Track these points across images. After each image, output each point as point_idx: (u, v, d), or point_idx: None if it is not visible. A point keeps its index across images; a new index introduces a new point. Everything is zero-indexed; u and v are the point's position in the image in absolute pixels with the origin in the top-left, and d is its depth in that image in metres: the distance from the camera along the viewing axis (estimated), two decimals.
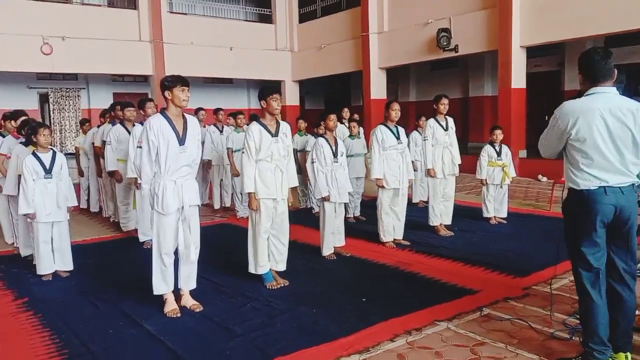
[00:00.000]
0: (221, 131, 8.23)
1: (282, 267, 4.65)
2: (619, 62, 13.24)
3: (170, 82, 3.87)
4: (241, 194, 7.50)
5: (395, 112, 5.81)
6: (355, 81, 18.97)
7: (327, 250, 5.40)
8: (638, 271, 4.30)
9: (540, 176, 10.64)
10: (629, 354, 2.93)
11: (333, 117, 5.55)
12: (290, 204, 4.67)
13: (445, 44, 12.51)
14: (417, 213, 7.36)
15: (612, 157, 2.80)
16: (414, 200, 8.28)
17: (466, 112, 16.71)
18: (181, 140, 3.89)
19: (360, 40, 15.14)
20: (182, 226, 3.96)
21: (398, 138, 5.81)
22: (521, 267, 4.84)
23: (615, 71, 2.92)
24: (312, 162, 5.39)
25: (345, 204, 5.83)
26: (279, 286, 4.48)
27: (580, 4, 10.18)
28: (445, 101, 6.37)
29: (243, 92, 19.56)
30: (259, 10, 18.21)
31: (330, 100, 21.11)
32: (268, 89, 4.52)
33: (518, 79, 11.57)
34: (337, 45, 16.13)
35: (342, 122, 8.86)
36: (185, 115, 4.01)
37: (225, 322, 3.73)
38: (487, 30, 11.97)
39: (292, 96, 18.23)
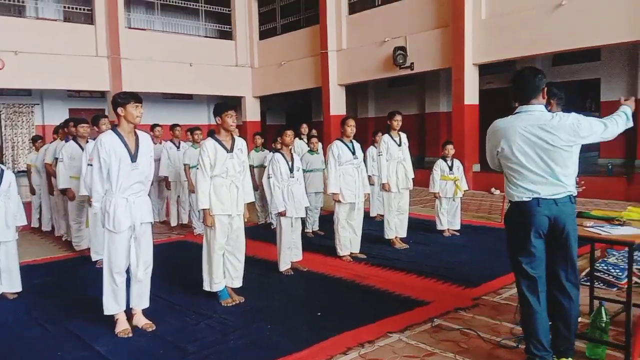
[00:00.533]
0: (178, 147, 8.18)
1: (237, 283, 4.64)
2: (567, 79, 13.97)
3: (123, 99, 3.86)
4: (199, 210, 7.45)
5: (351, 128, 5.93)
6: (315, 97, 19.19)
7: (284, 266, 5.43)
8: (583, 279, 4.50)
9: (493, 189, 10.99)
10: None
11: (289, 132, 5.62)
12: (246, 220, 4.69)
13: (401, 61, 12.84)
14: (374, 226, 7.47)
15: (540, 170, 2.93)
16: (372, 214, 8.41)
17: (423, 128, 17.13)
18: (133, 157, 3.87)
19: (319, 58, 15.37)
20: (134, 244, 3.92)
21: (354, 153, 5.92)
22: (472, 278, 4.99)
23: (545, 89, 3.03)
24: (269, 177, 5.42)
25: (303, 218, 5.89)
26: (234, 303, 4.46)
27: (529, 24, 10.65)
28: (398, 117, 6.53)
29: (203, 108, 19.49)
30: (219, 26, 18.25)
31: (291, 116, 21.26)
32: (223, 105, 4.55)
33: (471, 96, 11.97)
34: (297, 62, 16.31)
35: (300, 138, 8.95)
36: (138, 131, 3.99)
37: (178, 340, 3.70)
38: (441, 48, 12.36)
39: (252, 112, 18.27)
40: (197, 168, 4.53)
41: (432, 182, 7.12)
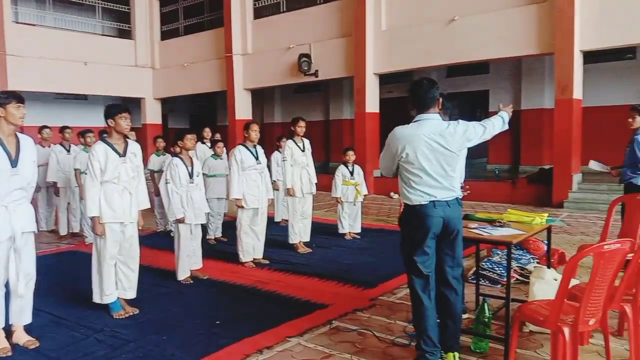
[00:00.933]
0: (68, 151, 7.66)
1: (131, 294, 4.42)
2: (460, 90, 14.89)
3: (4, 99, 3.55)
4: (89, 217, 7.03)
5: (255, 132, 5.90)
6: (221, 101, 18.91)
7: (182, 274, 5.26)
8: (470, 277, 4.79)
9: (392, 193, 11.44)
10: (457, 354, 3.23)
11: (191, 136, 5.46)
12: (140, 228, 4.48)
13: (306, 68, 13.01)
14: (279, 231, 7.48)
15: (437, 176, 3.12)
16: (276, 219, 8.41)
17: (328, 134, 17.45)
18: (13, 162, 3.56)
19: (224, 61, 15.15)
20: (14, 256, 3.60)
21: (257, 158, 5.89)
22: (370, 279, 5.14)
23: (440, 99, 3.26)
24: (166, 183, 5.24)
25: (204, 225, 5.75)
26: (127, 315, 4.25)
27: (426, 38, 11.24)
28: (302, 124, 6.60)
29: (99, 109, 18.33)
30: (117, 25, 17.42)
31: (195, 119, 20.75)
32: (116, 106, 4.33)
33: (372, 104, 12.39)
34: (201, 65, 15.97)
35: (203, 142, 8.77)
36: (19, 134, 3.69)
37: (64, 357, 3.45)
38: (345, 57, 12.69)
39: (153, 114, 17.62)
40: (86, 173, 4.27)
41: (334, 187, 7.26)
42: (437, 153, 3.11)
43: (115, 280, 4.32)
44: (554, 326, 2.73)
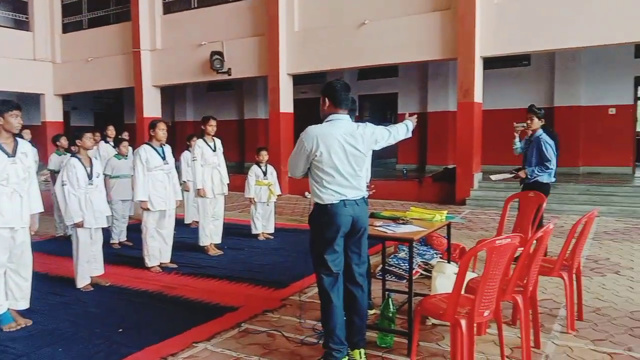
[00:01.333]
0: None
1: (23, 305, 4.09)
2: (371, 92, 15.31)
3: None
4: None
5: (162, 131, 5.69)
6: (128, 98, 18.11)
7: (82, 281, 4.95)
8: (378, 274, 4.91)
9: (307, 193, 11.44)
10: (362, 350, 3.29)
11: (89, 135, 5.13)
12: (33, 233, 4.16)
13: (218, 66, 12.77)
14: (189, 234, 7.29)
15: (348, 175, 3.17)
16: (187, 221, 8.19)
17: (242, 134, 17.26)
18: None
19: (131, 56, 14.51)
20: None
21: (164, 158, 5.68)
22: (281, 279, 5.13)
23: (351, 101, 3.34)
24: (63, 185, 4.90)
25: (106, 228, 5.45)
26: (19, 327, 3.93)
27: (338, 40, 11.43)
28: (213, 122, 6.47)
29: None
30: (13, 15, 16.12)
31: (101, 117, 19.71)
32: (5, 103, 3.99)
33: (286, 104, 12.40)
34: (106, 60, 15.19)
35: (107, 142, 8.34)
36: None
37: None
38: (258, 56, 12.60)
39: (53, 111, 16.50)
40: None
41: (247, 187, 7.18)
42: (348, 153, 3.17)
43: (5, 290, 3.98)
44: (452, 319, 2.86)
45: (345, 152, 3.16)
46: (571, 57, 12.01)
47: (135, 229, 7.34)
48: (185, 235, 7.26)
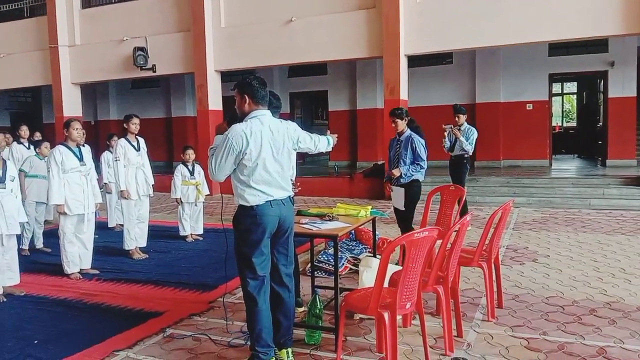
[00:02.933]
0: None
1: None
2: (301, 90, 15.33)
3: None
4: None
5: (77, 131, 5.41)
6: (47, 96, 17.14)
7: None
8: (307, 272, 4.91)
9: None
10: (290, 350, 3.27)
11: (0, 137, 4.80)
12: None
13: (142, 62, 12.32)
14: (113, 238, 7.01)
15: (276, 174, 3.11)
16: (110, 225, 7.85)
17: (170, 132, 16.79)
18: None
19: (48, 52, 13.71)
20: None
21: (81, 159, 5.40)
22: (209, 281, 5.02)
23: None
24: None
25: (19, 235, 5.12)
26: None
27: (265, 37, 11.32)
28: (136, 121, 6.23)
29: None
30: None
31: (18, 116, 18.49)
32: None
33: (215, 101, 12.16)
34: (21, 56, 14.26)
35: (20, 142, 7.83)
36: None
37: None
38: (184, 52, 12.26)
39: None
40: None
41: (173, 187, 6.97)
42: (275, 150, 3.11)
43: None
44: (375, 312, 2.90)
45: (272, 150, 3.09)
46: (490, 55, 12.57)
47: (53, 235, 6.97)
48: (108, 239, 6.97)
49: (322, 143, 3.60)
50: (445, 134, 6.67)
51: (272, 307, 3.22)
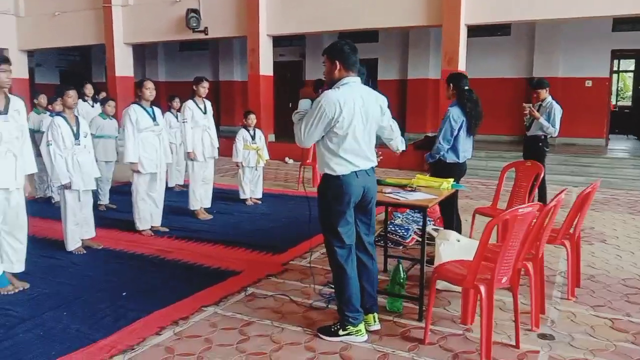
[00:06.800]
0: None
1: (19, 267, 3.96)
2: None
3: None
4: None
5: (150, 90, 5.51)
6: (96, 56, 17.38)
7: (73, 244, 4.81)
8: (376, 240, 4.94)
9: (287, 158, 11.44)
10: (375, 314, 3.33)
11: (72, 93, 4.83)
12: (27, 194, 3.99)
13: (194, 25, 12.29)
14: (174, 197, 7.15)
15: (364, 143, 3.09)
16: (170, 185, 8.00)
17: (217, 96, 16.85)
18: None
19: (102, 11, 13.83)
20: None
21: (154, 119, 5.50)
22: (278, 244, 5.09)
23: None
24: (48, 145, 4.67)
25: (94, 190, 5.28)
26: (16, 290, 3.82)
27: (318, 3, 11.13)
28: (205, 84, 6.34)
29: None
30: None
31: (67, 74, 18.87)
32: None
33: (266, 66, 12.11)
34: (74, 14, 14.40)
35: (85, 100, 8.02)
36: None
37: None
38: (237, 15, 12.18)
39: (18, 68, 15.59)
40: None
41: (235, 151, 7.04)
42: (366, 119, 3.09)
43: (1, 253, 3.84)
44: (471, 284, 2.90)
45: (363, 119, 3.06)
46: (551, 28, 12.10)
47: (118, 192, 7.18)
48: (170, 199, 7.10)
49: (398, 134, 3.48)
50: (525, 112, 6.34)
51: (358, 274, 3.25)
